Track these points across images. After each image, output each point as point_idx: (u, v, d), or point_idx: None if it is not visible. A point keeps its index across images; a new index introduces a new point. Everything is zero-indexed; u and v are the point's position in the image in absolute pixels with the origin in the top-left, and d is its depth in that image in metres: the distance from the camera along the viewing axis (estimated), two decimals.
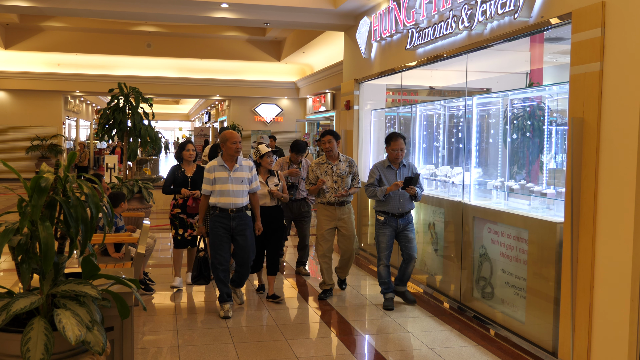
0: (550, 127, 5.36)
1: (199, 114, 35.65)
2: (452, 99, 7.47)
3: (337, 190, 6.16)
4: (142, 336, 5.03)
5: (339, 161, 6.28)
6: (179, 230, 6.45)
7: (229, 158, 5.49)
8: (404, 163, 6.03)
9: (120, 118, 8.85)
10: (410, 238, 5.99)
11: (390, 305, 5.93)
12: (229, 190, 5.41)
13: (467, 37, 5.82)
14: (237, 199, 5.46)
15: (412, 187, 5.74)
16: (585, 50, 4.02)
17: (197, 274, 5.82)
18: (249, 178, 5.55)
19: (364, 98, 9.03)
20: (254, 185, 5.61)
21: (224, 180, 5.41)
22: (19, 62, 18.85)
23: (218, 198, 5.44)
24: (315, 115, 19.94)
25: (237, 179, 5.45)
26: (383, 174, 5.96)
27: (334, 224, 6.26)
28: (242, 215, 5.51)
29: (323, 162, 6.27)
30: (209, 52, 18.42)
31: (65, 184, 2.79)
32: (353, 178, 6.32)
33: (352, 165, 6.34)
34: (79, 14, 10.18)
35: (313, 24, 9.85)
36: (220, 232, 5.45)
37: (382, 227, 5.96)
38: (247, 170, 5.55)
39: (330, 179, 6.19)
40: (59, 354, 2.67)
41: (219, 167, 5.45)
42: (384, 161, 6.06)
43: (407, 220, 6.01)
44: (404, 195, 5.87)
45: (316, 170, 6.24)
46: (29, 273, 2.74)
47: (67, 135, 22.63)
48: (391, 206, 5.89)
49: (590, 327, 4.00)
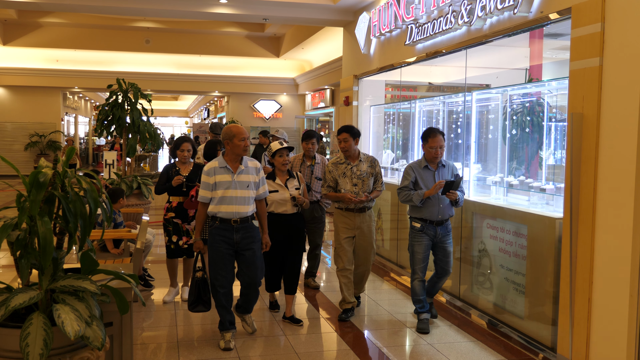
0: (550, 122, 5.36)
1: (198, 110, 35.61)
2: (451, 95, 7.47)
3: (358, 194, 5.32)
4: (142, 332, 5.03)
5: (359, 161, 5.41)
6: (172, 237, 5.75)
7: (233, 158, 4.57)
8: (443, 163, 5.19)
9: (119, 114, 8.84)
10: (448, 251, 5.22)
11: (425, 328, 5.11)
12: (232, 196, 4.51)
13: (466, 33, 5.82)
14: (241, 207, 4.54)
15: (453, 192, 4.96)
16: (585, 45, 4.01)
17: (194, 298, 4.73)
18: (256, 182, 4.64)
19: (363, 94, 9.02)
20: (261, 190, 4.70)
21: (227, 184, 4.50)
22: (17, 58, 18.81)
23: (219, 206, 4.52)
24: (314, 112, 19.92)
25: (242, 184, 4.54)
26: (419, 175, 5.15)
27: (352, 233, 5.42)
28: (247, 227, 4.60)
29: (341, 162, 5.41)
30: (208, 48, 18.39)
31: (64, 179, 2.79)
32: (376, 180, 5.48)
33: (375, 165, 5.48)
34: (77, 10, 10.16)
35: (312, 20, 9.84)
36: (221, 248, 4.53)
37: (417, 236, 5.18)
38: (254, 172, 4.63)
39: (349, 181, 5.35)
40: (58, 349, 2.67)
41: (221, 169, 4.53)
42: (420, 161, 5.23)
43: (447, 229, 5.21)
44: (444, 199, 5.08)
45: (333, 172, 5.39)
46: (28, 268, 2.74)
47: (66, 131, 22.60)
48: (429, 212, 5.10)
49: (589, 322, 4.00)
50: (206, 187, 4.56)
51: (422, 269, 5.20)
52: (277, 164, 5.13)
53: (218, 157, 4.65)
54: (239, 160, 4.59)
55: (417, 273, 5.21)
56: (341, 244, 5.41)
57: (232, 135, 4.51)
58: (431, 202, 5.08)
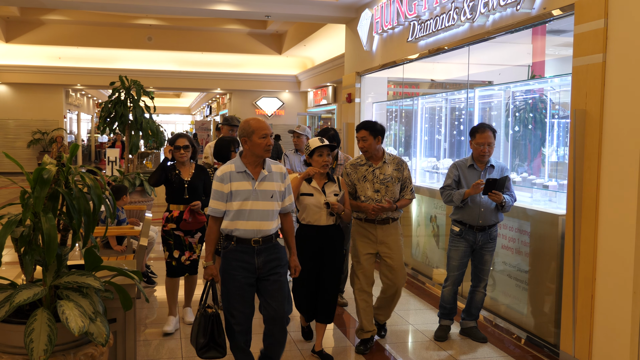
0: (553, 119, 5.35)
1: (200, 107, 35.62)
2: (453, 92, 7.47)
3: (380, 201, 4.44)
4: (145, 328, 5.04)
5: (383, 162, 4.53)
6: (174, 252, 4.98)
7: (253, 161, 3.59)
8: (493, 163, 4.67)
9: (121, 111, 8.85)
10: (485, 259, 4.73)
11: (443, 336, 4.80)
12: (252, 210, 3.53)
13: (469, 29, 5.81)
14: (264, 224, 3.55)
15: (497, 193, 4.42)
16: (588, 41, 4.00)
17: (206, 340, 3.62)
18: (281, 191, 3.66)
19: (366, 91, 9.02)
20: (287, 202, 3.72)
21: (245, 195, 3.52)
22: (20, 55, 18.82)
23: (235, 222, 3.54)
24: (316, 109, 19.91)
25: (265, 193, 3.56)
26: (463, 174, 4.68)
27: (374, 248, 4.56)
28: (272, 248, 3.61)
29: (362, 164, 4.56)
30: (210, 45, 18.38)
31: (68, 176, 2.79)
32: (403, 186, 4.57)
33: (402, 167, 4.58)
34: (79, 7, 10.17)
35: (314, 17, 9.83)
36: (238, 275, 3.55)
37: (455, 241, 4.73)
38: (279, 179, 3.66)
39: (370, 187, 4.49)
40: (62, 345, 2.68)
41: (238, 174, 3.56)
42: (467, 159, 4.74)
43: (489, 236, 4.68)
44: (487, 203, 4.57)
45: (352, 175, 4.56)
46: (32, 265, 2.74)
47: (69, 128, 22.62)
48: (469, 215, 4.63)
49: (592, 319, 4.00)
50: (219, 197, 3.55)
51: (456, 277, 4.75)
52: (316, 165, 4.27)
53: (234, 159, 3.65)
54: (260, 164, 3.61)
55: (449, 280, 4.77)
56: (360, 261, 4.56)
57: (250, 132, 3.54)
58: (472, 204, 4.60)
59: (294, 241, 3.85)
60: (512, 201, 4.60)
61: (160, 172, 5.02)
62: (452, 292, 4.80)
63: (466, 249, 4.70)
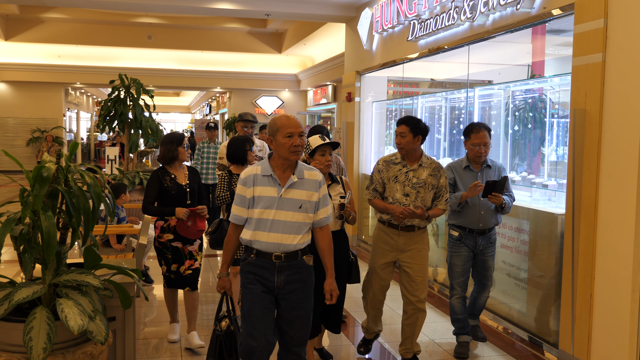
0: (552, 119, 5.36)
1: (200, 106, 35.60)
2: (453, 91, 7.47)
3: (408, 207, 4.02)
4: (144, 327, 5.04)
5: (419, 165, 4.09)
6: (172, 266, 4.46)
7: (281, 163, 3.18)
8: (489, 163, 4.52)
9: (121, 109, 8.86)
10: (488, 265, 4.56)
11: (464, 353, 4.48)
12: (275, 220, 3.12)
13: (469, 29, 5.81)
14: (288, 237, 3.13)
15: (497, 195, 4.28)
16: (588, 41, 4.01)
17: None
18: (313, 202, 3.20)
19: (366, 90, 9.01)
20: (322, 214, 3.25)
21: (269, 202, 3.12)
22: (19, 53, 18.80)
23: (256, 233, 3.15)
24: (316, 108, 19.91)
25: (293, 203, 3.14)
26: (459, 176, 4.50)
27: (393, 256, 4.14)
28: (296, 266, 3.17)
29: (396, 162, 4.14)
30: (210, 44, 18.37)
31: (67, 174, 2.79)
32: (438, 194, 4.12)
33: (440, 174, 4.12)
34: (79, 5, 10.16)
35: (314, 16, 9.82)
36: (256, 293, 3.15)
37: (456, 246, 4.52)
38: (312, 187, 3.20)
39: (400, 189, 4.06)
40: (62, 344, 2.68)
41: (264, 178, 3.16)
42: (462, 160, 4.57)
43: (489, 239, 4.52)
44: (487, 205, 4.41)
45: (383, 172, 4.13)
46: (31, 263, 2.74)
47: (68, 127, 22.61)
48: (468, 219, 4.44)
49: (590, 318, 4.01)
50: (240, 202, 3.19)
51: (461, 284, 4.53)
52: (317, 165, 3.88)
53: (262, 160, 3.25)
54: (290, 168, 3.18)
55: (456, 289, 4.55)
56: (375, 269, 4.17)
57: (275, 130, 3.16)
58: (471, 207, 4.41)
59: (332, 261, 3.32)
60: (511, 202, 4.46)
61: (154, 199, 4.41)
62: (461, 300, 4.57)
63: (468, 253, 4.51)
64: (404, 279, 4.15)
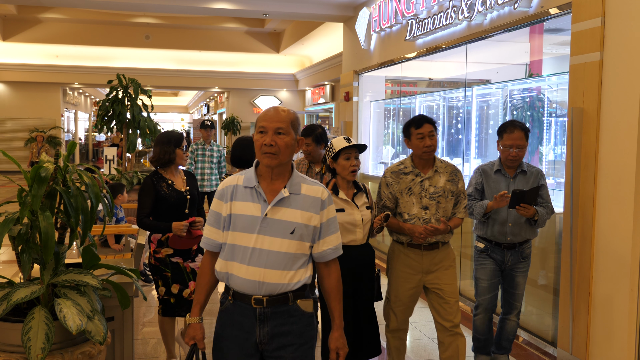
0: (550, 118, 5.37)
1: (198, 105, 35.59)
2: (451, 90, 7.48)
3: (429, 222, 3.48)
4: (142, 327, 5.04)
5: (434, 171, 3.53)
6: (172, 287, 3.80)
7: (266, 172, 2.39)
8: (525, 168, 3.91)
9: (119, 110, 8.84)
10: (516, 282, 3.97)
11: None
12: (255, 249, 2.32)
13: (466, 28, 5.81)
14: (274, 274, 2.31)
15: (527, 207, 3.67)
16: (585, 40, 4.01)
17: None
18: (313, 227, 2.37)
19: (364, 89, 9.02)
20: (326, 245, 2.41)
21: (250, 223, 2.33)
22: (17, 53, 18.78)
23: (231, 264, 2.36)
24: (314, 107, 19.90)
25: (282, 226, 2.33)
26: (487, 182, 3.91)
27: (418, 280, 3.57)
28: (285, 314, 2.35)
29: (406, 171, 3.55)
30: (208, 44, 18.37)
31: (66, 174, 2.79)
32: (457, 201, 3.58)
33: (457, 178, 3.58)
34: (77, 5, 10.15)
35: (312, 15, 9.82)
36: (232, 347, 2.38)
37: (481, 258, 3.98)
38: (313, 206, 2.38)
39: (417, 202, 3.50)
40: (60, 344, 2.68)
41: (246, 190, 2.38)
42: (493, 163, 3.97)
43: (521, 254, 3.93)
44: (516, 216, 3.83)
45: (393, 186, 3.55)
46: (30, 263, 2.74)
47: (66, 127, 22.59)
48: (494, 231, 3.89)
49: (589, 317, 4.01)
50: (215, 221, 2.40)
51: (487, 301, 3.98)
52: (341, 171, 3.43)
53: (249, 169, 2.44)
54: (281, 178, 2.37)
55: (481, 307, 4.01)
56: (399, 297, 3.60)
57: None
58: (497, 218, 3.86)
59: (340, 307, 2.46)
60: (548, 214, 3.85)
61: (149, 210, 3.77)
62: (486, 319, 4.04)
63: (494, 267, 3.95)
64: (435, 302, 3.59)
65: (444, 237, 3.56)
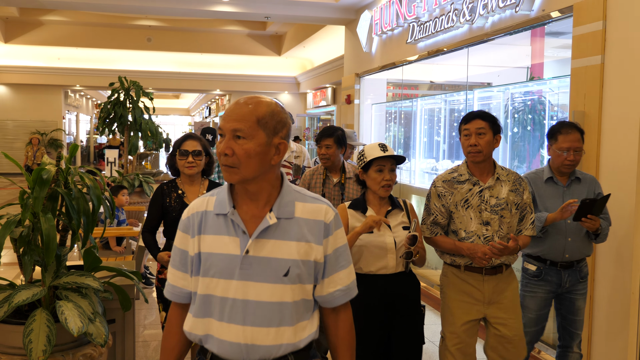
0: (551, 121, 5.37)
1: (199, 108, 35.63)
2: (452, 93, 7.48)
3: (491, 240, 2.94)
4: (144, 330, 5.04)
5: (495, 179, 3.01)
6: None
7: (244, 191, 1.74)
8: (578, 175, 3.44)
9: (120, 112, 8.86)
10: (576, 307, 3.44)
11: None
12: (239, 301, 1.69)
13: (468, 31, 5.81)
14: (266, 333, 1.68)
15: (594, 218, 3.17)
16: (587, 43, 4.01)
17: None
18: (313, 263, 1.74)
19: (365, 92, 9.03)
20: (332, 286, 1.78)
21: (227, 264, 1.70)
22: (18, 56, 18.82)
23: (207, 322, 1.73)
24: (315, 110, 19.92)
25: (270, 265, 1.69)
26: (538, 192, 3.40)
27: (479, 311, 3.02)
28: None
29: (462, 180, 3.03)
30: (209, 47, 18.40)
31: (67, 176, 2.79)
32: (523, 215, 3.05)
33: (522, 188, 3.05)
34: (79, 7, 10.18)
35: (314, 18, 9.84)
36: None
37: (532, 284, 3.40)
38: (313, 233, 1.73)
39: (475, 216, 2.98)
40: (61, 346, 2.68)
41: (218, 217, 1.75)
42: (542, 170, 3.46)
43: (580, 274, 3.42)
44: (576, 230, 3.33)
45: (446, 197, 3.03)
46: (31, 265, 2.74)
47: (68, 129, 22.63)
48: (551, 248, 3.34)
49: (590, 319, 4.00)
50: (180, 262, 1.82)
51: (532, 334, 3.41)
52: (371, 184, 2.92)
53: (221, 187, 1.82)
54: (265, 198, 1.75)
55: (529, 340, 3.39)
56: (455, 332, 3.01)
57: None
58: (555, 232, 3.30)
59: None
60: (608, 228, 3.39)
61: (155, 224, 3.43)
62: (527, 355, 3.34)
63: (547, 295, 3.40)
64: (495, 341, 3.01)
65: (508, 259, 3.02)
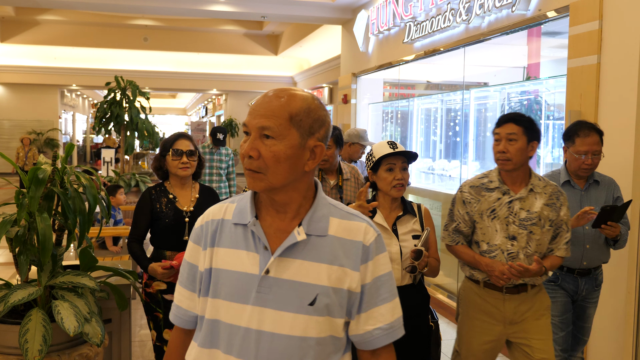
0: (548, 120, 5.38)
1: (196, 108, 35.60)
2: (449, 93, 7.49)
3: (516, 257, 2.70)
4: (140, 329, 5.03)
5: (529, 190, 2.73)
6: (163, 333, 3.09)
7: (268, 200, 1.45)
8: (596, 178, 3.30)
9: (117, 111, 8.85)
10: (587, 315, 3.37)
11: None
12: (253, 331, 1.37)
13: (464, 31, 5.82)
14: None
15: (614, 225, 3.05)
16: (583, 43, 4.02)
17: None
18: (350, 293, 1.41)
19: (362, 92, 9.03)
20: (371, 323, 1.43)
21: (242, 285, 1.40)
22: (14, 55, 18.77)
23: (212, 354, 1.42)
24: None
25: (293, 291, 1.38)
26: None
27: (499, 332, 2.76)
28: None
29: (491, 187, 2.77)
30: (206, 46, 18.38)
31: (63, 176, 2.79)
32: (557, 233, 2.76)
33: (559, 203, 2.75)
34: (75, 7, 10.16)
35: (310, 18, 9.84)
36: None
37: (550, 291, 3.22)
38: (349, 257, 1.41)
39: (501, 228, 2.71)
40: (57, 345, 2.67)
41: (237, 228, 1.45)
42: (559, 173, 3.34)
43: (595, 281, 3.32)
44: (594, 236, 3.23)
45: (472, 205, 2.77)
46: (27, 265, 2.74)
47: (64, 129, 22.58)
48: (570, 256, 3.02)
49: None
50: (188, 277, 1.52)
51: (561, 340, 3.27)
52: (382, 185, 2.69)
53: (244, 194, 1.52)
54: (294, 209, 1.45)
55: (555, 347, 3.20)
56: (471, 351, 2.80)
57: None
58: (573, 239, 3.04)
59: None
60: (627, 234, 3.29)
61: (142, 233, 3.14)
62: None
63: (565, 300, 3.28)
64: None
65: (534, 280, 2.74)
